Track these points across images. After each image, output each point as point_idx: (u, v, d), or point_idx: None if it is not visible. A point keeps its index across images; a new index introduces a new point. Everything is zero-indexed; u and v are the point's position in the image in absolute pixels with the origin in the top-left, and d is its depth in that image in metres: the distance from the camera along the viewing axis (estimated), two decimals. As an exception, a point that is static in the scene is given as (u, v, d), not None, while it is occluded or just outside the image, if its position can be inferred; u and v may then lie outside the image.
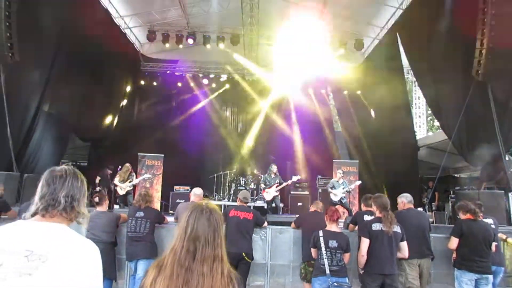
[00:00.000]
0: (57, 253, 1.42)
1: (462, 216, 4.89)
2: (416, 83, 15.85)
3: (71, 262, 1.42)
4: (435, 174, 10.04)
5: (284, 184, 9.99)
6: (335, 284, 4.10)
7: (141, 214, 5.20)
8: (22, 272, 1.36)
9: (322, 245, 4.30)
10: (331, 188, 9.25)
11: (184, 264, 1.50)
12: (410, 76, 15.67)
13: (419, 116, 17.93)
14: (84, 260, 1.45)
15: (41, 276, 1.37)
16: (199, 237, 1.53)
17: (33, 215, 1.55)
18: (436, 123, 19.47)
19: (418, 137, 14.05)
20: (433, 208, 11.79)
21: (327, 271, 4.19)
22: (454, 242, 4.76)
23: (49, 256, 1.40)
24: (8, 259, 1.38)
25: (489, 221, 5.08)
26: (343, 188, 9.22)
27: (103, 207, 5.49)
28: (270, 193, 9.84)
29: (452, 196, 10.92)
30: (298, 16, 13.04)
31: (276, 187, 9.83)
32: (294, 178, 10.14)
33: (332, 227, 4.49)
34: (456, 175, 14.06)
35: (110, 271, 5.21)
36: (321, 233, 4.40)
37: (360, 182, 10.22)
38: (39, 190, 1.59)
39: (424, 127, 18.13)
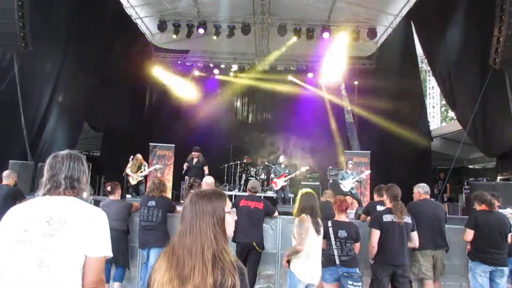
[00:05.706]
0: (74, 216, 1.71)
1: (477, 207, 4.77)
2: (430, 73, 15.53)
3: (86, 223, 1.72)
4: (449, 165, 9.88)
5: (293, 174, 9.97)
6: (345, 274, 4.07)
7: (153, 203, 5.20)
8: (45, 234, 1.64)
9: (331, 236, 4.26)
10: (341, 179, 9.20)
11: (173, 246, 1.58)
12: (424, 66, 15.36)
13: (433, 107, 17.59)
14: (96, 222, 1.75)
15: (63, 236, 1.65)
16: (183, 221, 1.60)
17: (44, 195, 1.82)
18: (450, 114, 19.13)
19: (431, 128, 13.82)
20: (445, 200, 11.67)
21: (337, 261, 4.17)
22: (469, 234, 4.64)
23: (67, 219, 1.69)
24: (32, 225, 1.65)
25: (508, 210, 4.96)
26: (353, 179, 9.15)
27: (116, 196, 5.55)
28: (278, 183, 9.84)
29: (466, 187, 10.76)
30: (309, 5, 12.89)
31: (285, 177, 9.81)
32: (303, 169, 10.09)
33: (341, 217, 4.45)
34: (470, 166, 13.83)
35: (123, 259, 5.28)
36: (330, 223, 4.37)
37: (369, 171, 10.11)
38: (45, 173, 1.86)
39: (438, 117, 17.80)
